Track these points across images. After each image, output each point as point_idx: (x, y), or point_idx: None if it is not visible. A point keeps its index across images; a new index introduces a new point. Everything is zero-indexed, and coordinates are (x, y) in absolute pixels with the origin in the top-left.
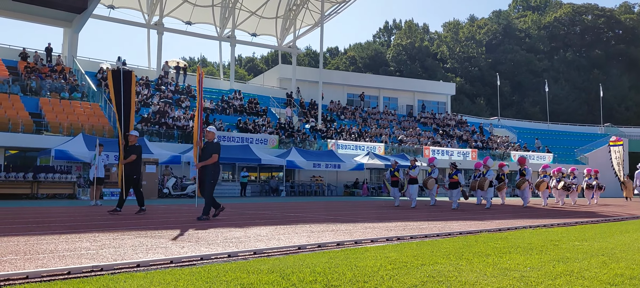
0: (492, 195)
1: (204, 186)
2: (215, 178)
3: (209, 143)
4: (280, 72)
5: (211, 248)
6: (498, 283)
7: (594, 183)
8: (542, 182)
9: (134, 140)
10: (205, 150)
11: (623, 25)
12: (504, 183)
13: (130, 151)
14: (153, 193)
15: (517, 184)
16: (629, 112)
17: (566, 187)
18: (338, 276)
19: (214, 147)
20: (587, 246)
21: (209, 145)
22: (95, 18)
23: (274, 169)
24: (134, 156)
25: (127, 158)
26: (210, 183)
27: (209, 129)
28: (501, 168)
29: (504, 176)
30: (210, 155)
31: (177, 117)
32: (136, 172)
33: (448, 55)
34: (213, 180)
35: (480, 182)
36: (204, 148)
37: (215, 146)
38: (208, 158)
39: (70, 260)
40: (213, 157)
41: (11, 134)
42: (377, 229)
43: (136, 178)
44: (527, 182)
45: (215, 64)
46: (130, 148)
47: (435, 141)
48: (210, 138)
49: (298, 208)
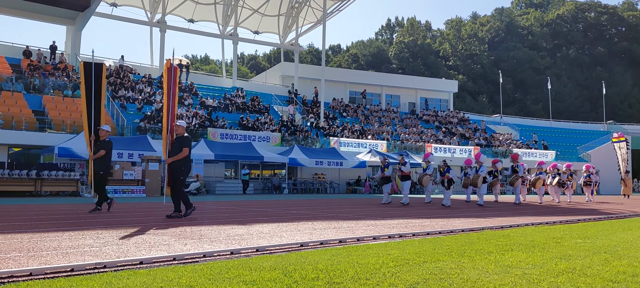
0: (485, 192)
1: (173, 182)
2: (186, 175)
3: (179, 137)
4: (282, 69)
5: (214, 246)
6: (500, 280)
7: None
8: (538, 179)
9: (105, 135)
10: (175, 145)
11: (626, 22)
12: (497, 179)
13: (100, 146)
14: (156, 191)
15: (510, 181)
16: (632, 109)
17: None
18: (340, 273)
19: (184, 142)
20: (589, 243)
21: (179, 139)
22: (98, 16)
23: (276, 167)
24: (104, 151)
25: (97, 154)
26: (180, 179)
27: (179, 123)
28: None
29: (497, 173)
30: (180, 150)
31: (180, 115)
32: (104, 168)
33: (450, 53)
34: (183, 177)
35: (474, 179)
36: (174, 143)
37: (185, 140)
38: (178, 153)
39: (73, 257)
40: (183, 152)
41: (14, 132)
42: (379, 226)
43: (103, 174)
44: (520, 179)
45: (217, 62)
46: (101, 143)
47: (437, 139)
48: (179, 132)
49: (300, 205)
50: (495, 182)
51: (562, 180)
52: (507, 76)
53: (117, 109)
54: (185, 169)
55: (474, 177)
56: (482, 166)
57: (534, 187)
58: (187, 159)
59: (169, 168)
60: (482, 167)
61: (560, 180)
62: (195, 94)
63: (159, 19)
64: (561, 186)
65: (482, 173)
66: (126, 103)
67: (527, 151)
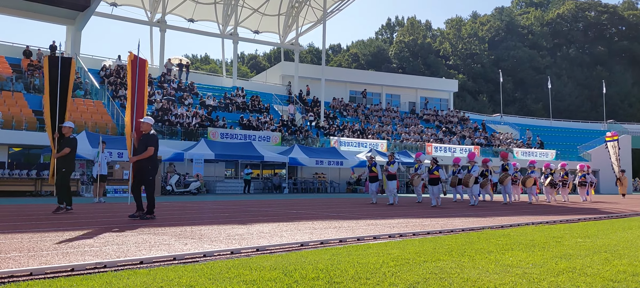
0: (477, 193)
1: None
2: (153, 174)
3: (145, 135)
4: (282, 69)
5: (214, 245)
6: (500, 280)
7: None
8: (528, 177)
9: (68, 132)
10: (140, 143)
11: (626, 21)
12: (487, 179)
13: (63, 144)
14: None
15: (499, 179)
16: (632, 108)
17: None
18: (340, 273)
19: (149, 140)
20: (589, 243)
21: (144, 137)
22: (98, 16)
23: (276, 166)
24: (68, 149)
25: (61, 152)
26: (149, 180)
27: (144, 120)
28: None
29: (488, 172)
30: (146, 148)
31: (180, 115)
32: (67, 166)
33: (450, 52)
34: (152, 177)
35: (465, 179)
36: (140, 141)
37: (150, 138)
38: (143, 152)
39: (73, 257)
40: (148, 150)
41: (15, 132)
42: (379, 226)
43: (65, 172)
44: (510, 178)
45: (217, 61)
46: (64, 141)
47: (437, 138)
48: (145, 129)
49: (300, 205)
50: (485, 182)
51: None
52: (507, 75)
53: (117, 108)
54: (152, 169)
55: (466, 176)
56: (474, 166)
57: (525, 185)
58: (153, 158)
59: (134, 167)
60: (474, 166)
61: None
62: (195, 93)
63: (159, 18)
64: (553, 186)
65: (475, 173)
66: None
67: (527, 150)
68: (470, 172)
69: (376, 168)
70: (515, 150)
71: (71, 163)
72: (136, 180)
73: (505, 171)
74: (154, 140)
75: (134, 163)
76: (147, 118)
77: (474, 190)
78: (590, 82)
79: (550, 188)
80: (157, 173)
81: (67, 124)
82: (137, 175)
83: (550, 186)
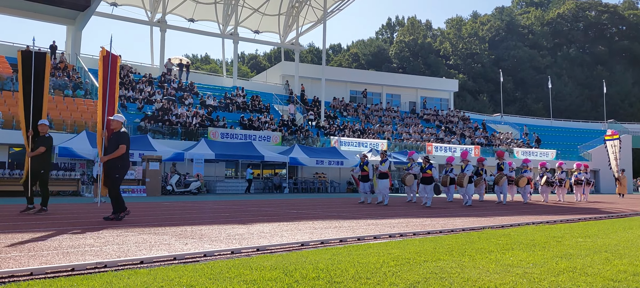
0: (472, 192)
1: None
2: (122, 173)
3: (115, 133)
4: (283, 69)
5: (214, 245)
6: (501, 279)
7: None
8: (521, 177)
9: (44, 131)
10: (111, 142)
11: (627, 21)
12: (481, 178)
13: (39, 142)
14: (157, 191)
15: (495, 180)
16: (633, 108)
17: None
18: (341, 272)
19: (120, 138)
20: (590, 242)
21: (115, 135)
22: (98, 15)
23: (277, 166)
24: (44, 148)
25: (36, 151)
26: (115, 177)
27: (114, 118)
28: (481, 163)
29: (482, 171)
30: (117, 147)
31: (180, 114)
32: (44, 166)
33: (451, 52)
34: (119, 175)
35: (459, 178)
36: (110, 139)
37: (121, 136)
38: (114, 150)
39: (74, 256)
40: (120, 149)
41: (15, 131)
42: (379, 226)
43: (43, 173)
44: (505, 177)
45: (218, 61)
46: (40, 139)
47: (438, 138)
48: (115, 127)
49: (301, 205)
50: (479, 181)
51: (550, 179)
52: (507, 75)
53: (118, 108)
54: (122, 168)
55: (460, 176)
56: (468, 165)
57: (518, 185)
58: (124, 157)
59: (104, 167)
60: (468, 165)
61: (548, 179)
62: (195, 93)
63: (159, 18)
64: (549, 185)
65: (468, 172)
66: (127, 102)
67: (527, 150)
68: (463, 171)
69: (368, 167)
70: (515, 149)
71: (48, 162)
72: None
73: (500, 170)
74: (126, 138)
75: (105, 163)
76: (117, 115)
77: (469, 189)
78: (591, 81)
79: (546, 188)
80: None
81: (43, 122)
82: (108, 174)
83: (546, 185)
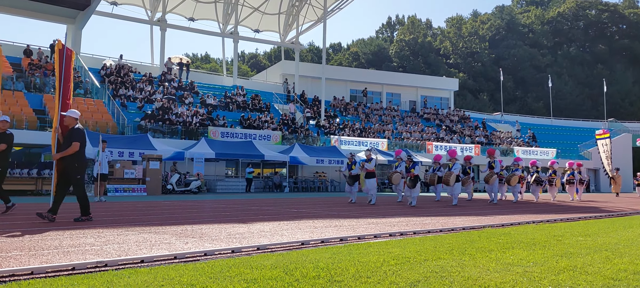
0: (458, 191)
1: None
2: (80, 173)
3: (70, 130)
4: (283, 68)
5: (215, 244)
6: (501, 278)
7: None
8: (513, 175)
9: (4, 127)
10: (65, 139)
11: (627, 20)
12: (468, 177)
13: None
14: (157, 190)
15: (485, 178)
16: (633, 107)
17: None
18: (341, 271)
19: (73, 135)
20: (590, 241)
21: (70, 132)
22: (98, 15)
23: (277, 165)
24: (5, 145)
25: None
26: (77, 179)
27: (67, 113)
28: (468, 161)
29: (470, 170)
30: (70, 144)
31: (181, 113)
32: (2, 164)
33: (451, 51)
34: (79, 175)
35: (446, 177)
36: (64, 137)
37: (75, 133)
38: (68, 148)
39: (74, 255)
40: (73, 146)
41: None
42: (380, 225)
43: (1, 171)
44: (496, 176)
45: (218, 60)
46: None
47: (438, 137)
48: (68, 123)
49: (301, 204)
50: (467, 180)
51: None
52: (507, 74)
53: (118, 107)
54: (79, 167)
55: (446, 174)
56: (455, 163)
57: (509, 184)
58: (79, 155)
59: (58, 166)
60: (455, 164)
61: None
62: (195, 92)
63: (159, 17)
64: (539, 184)
65: (456, 171)
66: (127, 102)
67: (528, 149)
68: (451, 170)
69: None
70: (515, 148)
71: (6, 159)
72: (62, 181)
73: (491, 169)
74: (80, 135)
75: (58, 162)
76: (72, 111)
77: (456, 188)
78: (591, 80)
79: (536, 187)
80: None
81: (3, 118)
82: (63, 174)
83: (536, 184)
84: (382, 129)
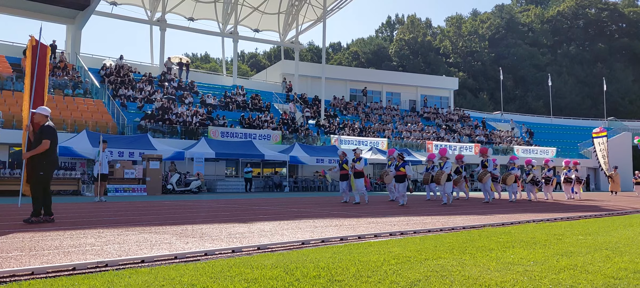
0: (450, 190)
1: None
2: (47, 171)
3: (41, 127)
4: (282, 67)
5: (215, 244)
6: (501, 277)
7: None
8: (508, 175)
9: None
10: (36, 137)
11: (627, 18)
12: (461, 176)
13: None
14: (157, 190)
15: (478, 177)
16: (633, 105)
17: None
18: (342, 271)
19: (44, 132)
20: (590, 240)
21: (40, 129)
22: (98, 15)
23: (277, 165)
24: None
25: None
26: (39, 175)
27: (38, 111)
28: (459, 160)
29: (462, 169)
30: (40, 142)
31: (181, 113)
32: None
33: (451, 50)
34: (43, 172)
35: (437, 176)
36: (35, 134)
37: (45, 131)
38: (38, 146)
39: (75, 256)
40: (43, 144)
41: (15, 131)
42: (380, 224)
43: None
44: (489, 175)
45: (218, 60)
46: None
47: (438, 136)
48: (38, 121)
49: (301, 203)
50: (459, 179)
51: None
52: (507, 73)
53: (118, 107)
54: (48, 165)
55: (438, 173)
56: (446, 162)
57: (505, 183)
58: (49, 153)
59: (28, 164)
60: (446, 163)
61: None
62: (195, 92)
63: (159, 17)
64: (535, 184)
65: (447, 170)
66: (126, 102)
67: (528, 148)
68: (442, 169)
69: (347, 166)
70: (515, 147)
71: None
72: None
73: (484, 168)
74: (51, 132)
75: (28, 160)
76: (42, 108)
77: (447, 187)
78: (591, 79)
79: (531, 186)
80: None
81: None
82: (32, 172)
83: (531, 183)
84: (382, 128)
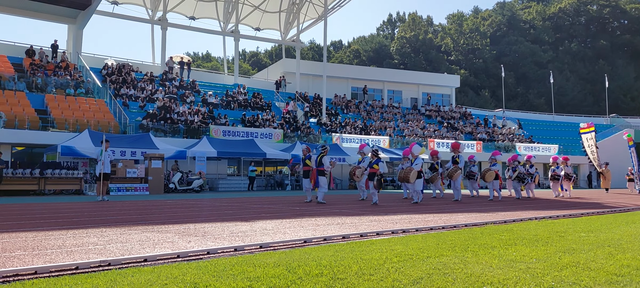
0: (420, 188)
1: None
2: None
3: None
4: (284, 66)
5: (217, 243)
6: (504, 274)
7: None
8: (488, 171)
9: None
10: None
11: (628, 15)
12: (437, 173)
13: None
14: (159, 189)
15: (448, 173)
16: (635, 102)
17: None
18: (344, 269)
19: None
20: (593, 237)
21: None
22: (99, 14)
23: (279, 163)
24: None
25: None
26: None
27: None
28: (435, 156)
29: (438, 165)
30: None
31: (182, 112)
32: None
33: (452, 48)
34: None
35: (405, 173)
36: None
37: None
38: None
39: (78, 255)
40: None
41: (18, 131)
42: (382, 222)
43: None
44: (460, 171)
45: (219, 59)
46: None
47: (440, 134)
48: None
49: (303, 202)
50: (435, 177)
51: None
52: (509, 70)
53: (119, 107)
54: None
55: (406, 170)
56: (416, 159)
57: (485, 179)
58: None
59: None
60: (416, 159)
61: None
62: (197, 91)
63: (160, 16)
64: (521, 181)
65: (416, 167)
66: (128, 101)
67: (530, 145)
68: (411, 166)
69: (310, 161)
70: (517, 145)
71: None
72: None
73: (455, 164)
74: None
75: None
76: None
77: (417, 185)
78: (593, 76)
79: (517, 183)
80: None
81: None
82: None
83: (517, 180)
84: (384, 126)
